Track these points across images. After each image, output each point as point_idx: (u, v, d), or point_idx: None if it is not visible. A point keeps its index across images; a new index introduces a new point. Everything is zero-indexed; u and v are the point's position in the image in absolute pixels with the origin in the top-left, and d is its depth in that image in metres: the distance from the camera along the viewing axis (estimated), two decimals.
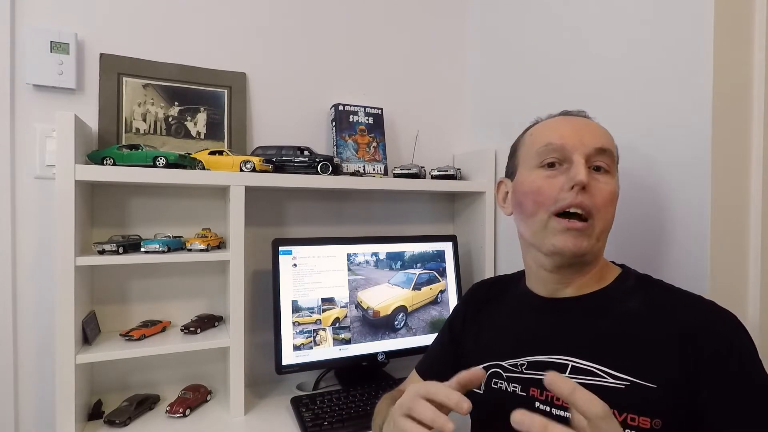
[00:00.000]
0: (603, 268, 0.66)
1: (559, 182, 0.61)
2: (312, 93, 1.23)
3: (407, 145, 1.33)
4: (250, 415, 0.96)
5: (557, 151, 0.62)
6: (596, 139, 0.62)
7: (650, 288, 0.62)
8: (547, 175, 0.62)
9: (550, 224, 0.61)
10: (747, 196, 0.76)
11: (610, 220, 0.62)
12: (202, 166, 0.97)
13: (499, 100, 1.26)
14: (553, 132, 0.64)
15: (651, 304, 0.59)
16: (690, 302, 0.58)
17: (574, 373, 0.58)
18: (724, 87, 0.73)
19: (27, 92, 0.96)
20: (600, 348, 0.58)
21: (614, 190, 0.62)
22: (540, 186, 0.62)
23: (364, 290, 1.11)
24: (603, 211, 0.60)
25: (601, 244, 0.62)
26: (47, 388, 0.96)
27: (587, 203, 0.59)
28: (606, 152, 0.62)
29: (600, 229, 0.60)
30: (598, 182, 0.61)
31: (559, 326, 0.63)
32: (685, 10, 0.76)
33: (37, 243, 0.96)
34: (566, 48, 1.01)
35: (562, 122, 0.66)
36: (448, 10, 1.40)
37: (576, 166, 0.59)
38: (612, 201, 0.61)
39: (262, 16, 1.17)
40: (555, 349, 0.61)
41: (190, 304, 1.08)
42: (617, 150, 0.67)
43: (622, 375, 0.54)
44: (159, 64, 1.05)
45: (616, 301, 0.61)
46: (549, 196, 0.61)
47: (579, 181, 0.58)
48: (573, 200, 0.59)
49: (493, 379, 0.67)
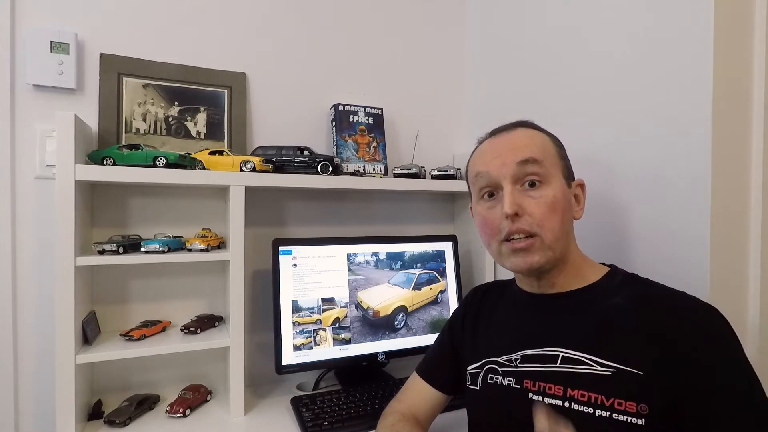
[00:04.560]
0: (583, 265, 0.68)
1: (498, 212, 0.65)
2: (312, 93, 1.23)
3: (407, 145, 1.33)
4: (250, 415, 0.96)
5: (486, 180, 0.67)
6: (517, 153, 0.64)
7: (636, 284, 0.64)
8: (488, 207, 0.67)
9: (502, 250, 0.65)
10: (747, 197, 0.76)
11: (558, 228, 0.63)
12: (202, 166, 0.97)
13: (499, 100, 1.26)
14: (479, 160, 0.69)
15: (636, 299, 0.61)
16: (671, 297, 0.60)
17: (565, 362, 0.61)
18: (724, 87, 0.73)
19: (27, 92, 0.96)
20: (588, 339, 0.61)
21: (552, 198, 0.63)
22: (484, 218, 0.67)
23: (364, 290, 1.11)
24: (547, 223, 0.62)
25: (559, 251, 0.64)
26: (47, 388, 0.96)
27: (524, 227, 0.62)
28: (530, 161, 0.64)
29: (551, 239, 0.62)
30: (532, 199, 0.63)
31: (550, 321, 0.66)
32: (685, 10, 0.76)
33: (37, 243, 0.96)
34: (566, 48, 1.01)
35: (486, 147, 0.70)
36: (448, 10, 1.40)
37: (504, 195, 0.63)
38: (553, 209, 0.63)
39: (262, 16, 1.17)
40: (546, 342, 0.64)
41: (190, 304, 1.08)
42: (556, 145, 0.68)
43: (609, 363, 0.57)
44: (159, 64, 1.05)
45: (604, 296, 0.64)
46: (494, 226, 0.65)
47: (506, 212, 0.62)
48: (510, 229, 0.63)
49: (489, 374, 0.69)
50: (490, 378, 0.69)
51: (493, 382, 0.68)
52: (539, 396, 0.62)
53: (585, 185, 0.71)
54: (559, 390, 0.60)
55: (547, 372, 0.62)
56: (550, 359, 0.62)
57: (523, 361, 0.66)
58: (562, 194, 0.64)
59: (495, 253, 0.67)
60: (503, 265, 0.67)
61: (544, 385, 0.62)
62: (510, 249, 0.64)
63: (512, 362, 0.67)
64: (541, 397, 0.61)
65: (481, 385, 0.71)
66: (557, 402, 0.59)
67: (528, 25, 1.14)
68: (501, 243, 0.65)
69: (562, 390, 0.59)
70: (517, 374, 0.65)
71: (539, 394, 0.62)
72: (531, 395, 0.63)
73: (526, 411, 0.61)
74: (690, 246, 0.75)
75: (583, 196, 0.70)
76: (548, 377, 0.62)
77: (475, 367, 0.73)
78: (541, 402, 0.61)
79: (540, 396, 0.62)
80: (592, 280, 0.66)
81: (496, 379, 0.68)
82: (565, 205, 0.65)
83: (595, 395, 0.56)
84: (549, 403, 0.60)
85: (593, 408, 0.56)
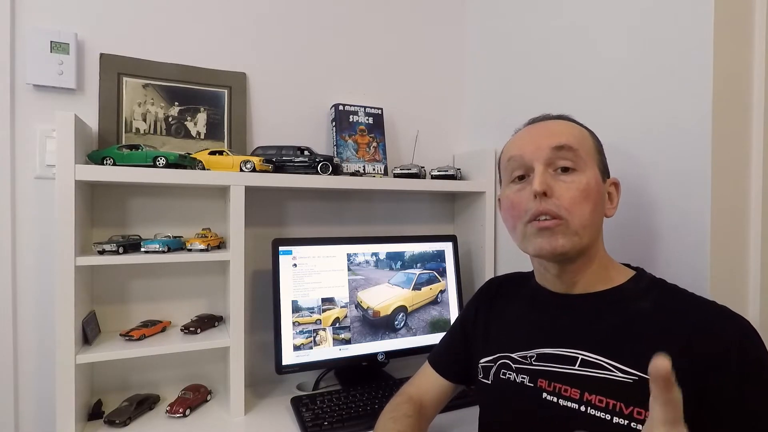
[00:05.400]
0: (608, 266, 0.66)
1: (527, 194, 0.63)
2: (312, 93, 1.23)
3: (407, 145, 1.33)
4: (250, 415, 0.96)
5: (519, 163, 0.66)
6: (552, 139, 0.63)
7: (664, 290, 0.62)
8: (517, 189, 0.66)
9: (527, 231, 0.64)
10: (747, 196, 0.76)
11: (587, 216, 0.61)
12: (202, 166, 0.97)
13: (499, 100, 1.26)
14: (514, 145, 0.68)
15: (663, 305, 0.59)
16: (701, 306, 0.58)
17: (584, 365, 0.59)
18: (724, 87, 0.73)
19: (27, 92, 0.96)
20: (610, 343, 0.59)
21: (584, 185, 0.61)
22: (512, 201, 0.66)
23: (364, 290, 1.11)
24: (575, 210, 0.60)
25: (586, 239, 0.62)
26: (47, 388, 0.96)
27: (552, 209, 0.61)
28: (565, 148, 0.62)
29: (578, 224, 0.60)
30: (563, 183, 0.62)
31: (571, 321, 0.64)
32: (685, 10, 0.76)
33: (37, 243, 0.96)
34: (566, 47, 1.01)
35: (523, 133, 0.69)
36: (448, 10, 1.40)
37: (535, 175, 0.62)
38: (585, 197, 0.61)
39: (262, 16, 1.17)
40: (565, 342, 0.63)
41: (190, 304, 1.08)
42: (594, 140, 0.67)
43: (631, 370, 0.55)
44: (159, 64, 1.05)
45: (629, 300, 0.62)
46: (521, 208, 0.64)
47: (535, 190, 0.61)
48: (537, 209, 0.61)
49: (502, 369, 0.68)
50: (503, 373, 0.68)
51: (506, 378, 0.67)
52: (554, 397, 0.60)
53: (620, 185, 0.69)
54: (576, 393, 0.58)
55: (564, 373, 0.60)
56: (568, 360, 0.61)
57: (539, 360, 0.64)
58: (595, 184, 0.62)
59: (519, 237, 0.65)
60: (526, 250, 0.65)
61: (560, 387, 0.60)
62: (535, 229, 0.61)
63: (527, 359, 0.66)
64: (556, 398, 0.60)
65: (492, 380, 0.70)
66: (573, 405, 0.58)
67: (528, 24, 1.14)
68: (526, 224, 0.63)
69: (579, 393, 0.58)
70: (532, 372, 0.64)
71: (554, 395, 0.60)
72: (545, 395, 0.61)
73: (538, 410, 0.61)
74: (690, 245, 0.75)
75: (617, 195, 0.68)
76: (565, 379, 0.60)
77: (487, 360, 0.72)
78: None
79: (555, 397, 0.60)
80: (617, 283, 0.64)
81: (509, 374, 0.67)
82: (598, 197, 0.62)
83: (614, 402, 0.55)
84: (564, 405, 0.59)
85: (611, 415, 0.54)
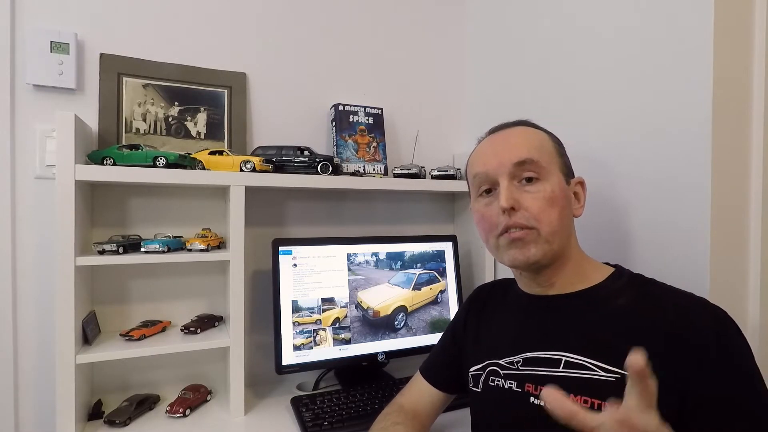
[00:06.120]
0: (585, 264, 0.67)
1: (495, 208, 0.65)
2: (312, 93, 1.23)
3: (407, 145, 1.33)
4: (250, 415, 0.96)
5: (485, 179, 0.67)
6: (514, 153, 0.65)
7: (642, 286, 0.63)
8: (485, 203, 0.68)
9: (499, 243, 0.66)
10: (747, 196, 0.76)
11: (556, 222, 0.63)
12: (202, 166, 0.97)
13: (499, 100, 1.26)
14: (478, 161, 0.70)
15: (641, 301, 0.60)
16: (678, 298, 0.59)
17: (567, 367, 0.60)
18: (724, 87, 0.73)
19: (27, 92, 0.96)
20: (592, 343, 0.59)
21: (549, 193, 0.63)
22: (483, 214, 0.68)
23: (364, 290, 1.11)
24: (543, 218, 0.62)
25: (557, 245, 0.63)
26: (47, 388, 0.96)
27: (521, 221, 0.62)
28: (526, 162, 0.64)
29: (548, 232, 0.62)
30: (528, 194, 0.63)
31: (552, 323, 0.65)
32: (686, 10, 0.76)
33: (37, 243, 0.96)
34: (566, 48, 1.01)
35: (485, 146, 0.71)
36: (448, 10, 1.40)
37: (501, 191, 0.64)
38: (551, 204, 0.63)
39: (262, 16, 1.17)
40: (548, 345, 0.63)
41: (190, 304, 1.08)
42: (554, 143, 0.69)
43: (613, 368, 0.56)
44: (159, 64, 1.05)
45: (607, 298, 0.63)
46: (491, 222, 0.66)
47: (503, 207, 0.62)
48: (507, 223, 0.63)
49: (491, 377, 0.69)
50: (492, 380, 0.68)
51: (495, 385, 0.68)
52: (541, 401, 0.60)
53: (585, 183, 0.71)
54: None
55: (549, 376, 0.61)
56: (552, 363, 0.62)
57: (525, 364, 0.65)
58: (560, 189, 0.64)
59: (493, 249, 0.68)
60: (501, 260, 0.67)
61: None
62: (507, 240, 0.64)
63: (514, 365, 0.66)
64: (543, 402, 0.61)
65: (482, 387, 0.70)
66: None
67: (528, 24, 1.14)
68: (498, 237, 0.65)
69: (564, 395, 0.58)
70: (519, 377, 0.65)
71: (540, 399, 0.60)
72: (532, 399, 0.62)
73: (527, 414, 0.61)
74: (690, 245, 0.75)
75: (583, 194, 0.70)
76: (550, 381, 0.60)
77: (477, 368, 0.72)
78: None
79: (542, 401, 0.60)
80: (595, 281, 0.65)
81: (497, 381, 0.68)
82: (564, 201, 0.64)
83: (598, 401, 0.55)
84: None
85: None
